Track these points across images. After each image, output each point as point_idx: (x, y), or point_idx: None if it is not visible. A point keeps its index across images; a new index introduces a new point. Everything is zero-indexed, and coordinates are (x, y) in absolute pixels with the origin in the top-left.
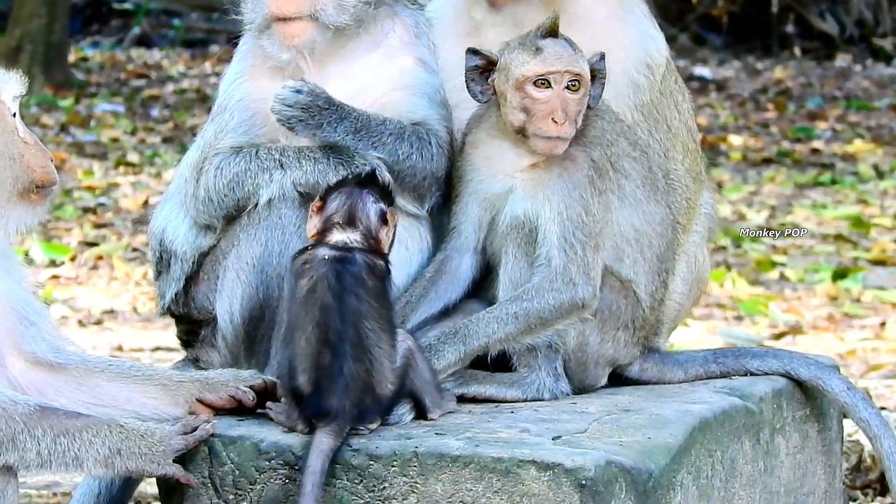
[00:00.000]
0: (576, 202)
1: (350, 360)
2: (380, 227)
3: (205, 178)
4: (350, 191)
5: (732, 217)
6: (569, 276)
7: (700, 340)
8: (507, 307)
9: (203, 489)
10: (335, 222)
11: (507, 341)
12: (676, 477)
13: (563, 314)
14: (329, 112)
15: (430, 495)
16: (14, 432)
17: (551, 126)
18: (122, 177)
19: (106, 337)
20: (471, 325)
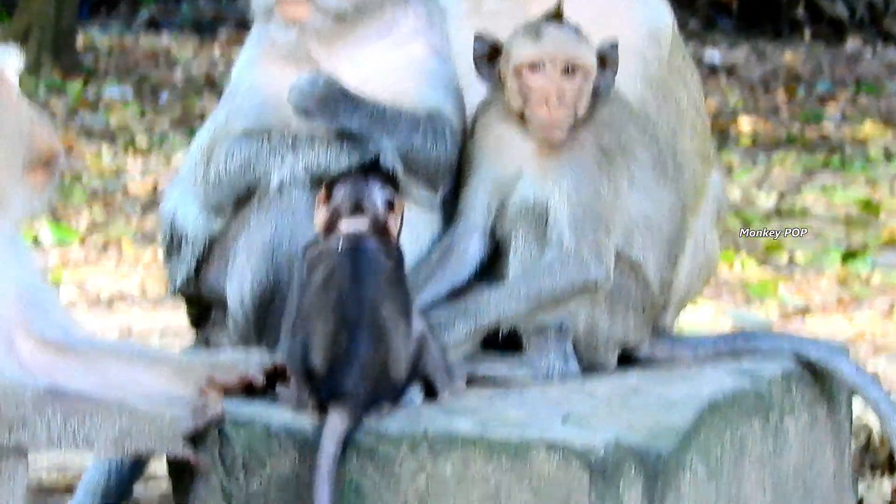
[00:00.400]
0: (585, 186)
1: (367, 345)
2: (387, 214)
3: (215, 162)
4: (355, 179)
5: (742, 200)
6: (580, 257)
7: (709, 322)
8: (518, 285)
9: (213, 470)
10: (343, 212)
11: (518, 319)
12: (686, 458)
13: (574, 294)
14: (345, 103)
15: (439, 476)
16: (24, 415)
17: (544, 112)
18: (131, 161)
19: (115, 319)
20: (481, 302)
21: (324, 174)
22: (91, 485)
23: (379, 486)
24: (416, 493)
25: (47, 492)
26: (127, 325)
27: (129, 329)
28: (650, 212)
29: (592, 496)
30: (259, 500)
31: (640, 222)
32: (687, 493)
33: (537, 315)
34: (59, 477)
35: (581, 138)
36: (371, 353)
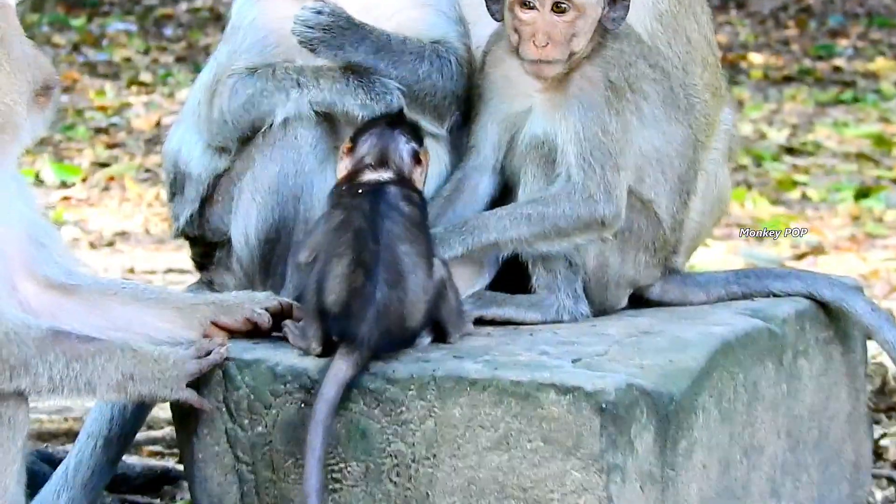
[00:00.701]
0: (593, 122)
1: (384, 286)
2: (413, 167)
3: (219, 100)
4: (381, 132)
5: (754, 135)
6: (588, 192)
7: (721, 261)
8: (521, 207)
9: (217, 414)
10: (367, 164)
11: (519, 243)
12: (698, 400)
13: (580, 228)
14: (350, 33)
15: (447, 419)
16: (26, 357)
17: (532, 49)
18: (135, 97)
19: (118, 259)
20: (481, 218)
21: (329, 109)
22: (93, 430)
23: (385, 430)
24: (424, 438)
25: (48, 437)
26: (130, 266)
27: (131, 269)
28: (661, 147)
29: (603, 440)
30: (264, 443)
31: (651, 158)
32: (700, 436)
33: (540, 244)
34: (60, 421)
35: (589, 74)
36: (387, 298)
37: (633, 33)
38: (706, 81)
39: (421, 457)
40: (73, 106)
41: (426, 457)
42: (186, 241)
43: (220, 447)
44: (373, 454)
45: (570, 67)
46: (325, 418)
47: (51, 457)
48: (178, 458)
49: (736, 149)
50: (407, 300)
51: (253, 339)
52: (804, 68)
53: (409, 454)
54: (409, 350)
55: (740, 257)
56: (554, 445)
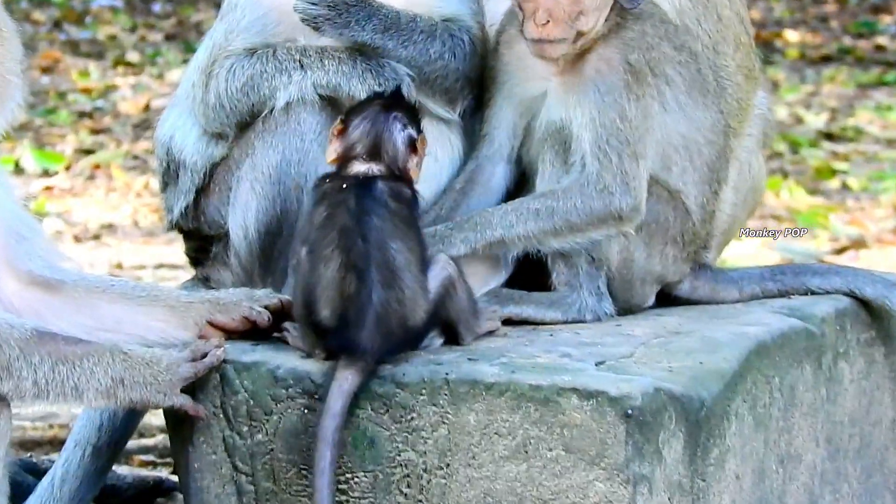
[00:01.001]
0: (610, 107)
1: (379, 287)
2: (408, 156)
3: (215, 83)
4: (375, 116)
5: (790, 120)
6: (603, 184)
7: (755, 256)
8: (529, 202)
9: (214, 420)
10: (357, 153)
11: (528, 240)
12: (731, 405)
13: (594, 222)
14: (357, 9)
15: (461, 426)
16: (9, 359)
17: (532, 28)
18: (121, 78)
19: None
20: (485, 214)
21: (334, 93)
22: (81, 438)
23: (395, 438)
24: (436, 446)
25: (32, 445)
26: (117, 261)
27: (119, 265)
28: (688, 133)
29: (629, 448)
30: (264, 452)
31: (677, 145)
32: (732, 444)
33: (551, 240)
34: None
35: (607, 56)
36: (385, 297)
37: (657, 13)
38: (739, 62)
39: (433, 466)
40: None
41: (439, 466)
42: (180, 234)
43: (218, 456)
44: (381, 464)
45: (585, 48)
46: (333, 435)
47: (35, 466)
48: (171, 468)
49: (771, 135)
50: (405, 299)
51: (252, 339)
52: (844, 47)
53: (421, 464)
54: (419, 352)
55: (776, 252)
56: (576, 454)
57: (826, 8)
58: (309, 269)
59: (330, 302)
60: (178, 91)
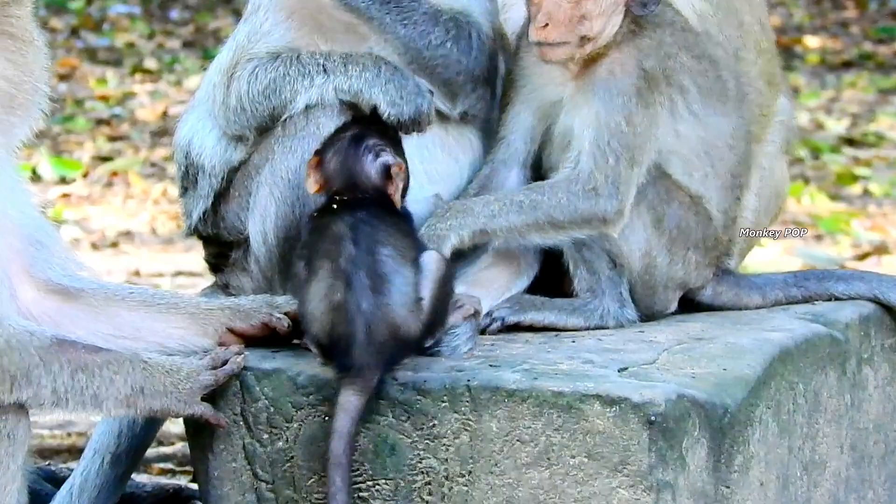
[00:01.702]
0: (617, 109)
1: (367, 294)
2: (385, 184)
3: (237, 85)
4: (346, 149)
5: (811, 126)
6: (592, 184)
7: (778, 262)
8: (514, 194)
9: (234, 428)
10: (336, 187)
11: (510, 232)
12: (755, 412)
13: (578, 221)
14: None
15: (483, 433)
16: (28, 367)
17: (533, 30)
18: (139, 85)
19: (122, 261)
20: (466, 203)
21: (356, 98)
22: (100, 446)
23: (416, 445)
24: (458, 453)
25: (50, 454)
26: (135, 268)
27: (137, 272)
28: (708, 139)
29: (652, 455)
30: (285, 460)
31: (699, 150)
32: (757, 451)
33: (535, 234)
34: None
35: (621, 60)
36: (374, 305)
37: (678, 21)
38: (760, 69)
39: (455, 474)
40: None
41: (460, 474)
42: (199, 240)
43: (238, 464)
44: (403, 471)
45: (598, 54)
46: (342, 458)
47: (53, 475)
48: (191, 476)
49: (793, 141)
50: (394, 305)
51: (272, 346)
52: (864, 52)
53: (442, 471)
54: (440, 358)
55: (798, 258)
56: (599, 461)
57: (846, 13)
58: (303, 281)
59: (320, 316)
60: (198, 93)
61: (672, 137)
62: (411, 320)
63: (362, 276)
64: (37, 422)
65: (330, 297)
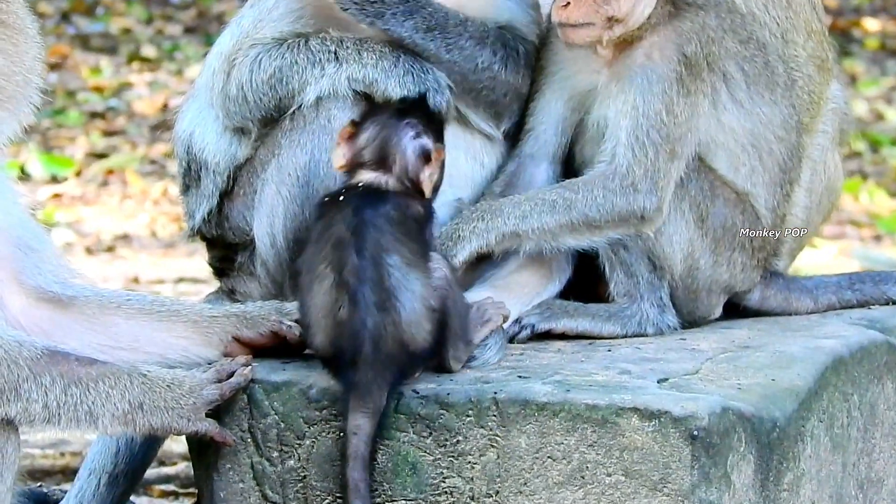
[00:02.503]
0: (657, 98)
1: (373, 310)
2: (420, 168)
3: (238, 73)
4: (386, 121)
5: (869, 117)
6: (630, 179)
7: (831, 264)
8: (546, 192)
9: (242, 446)
10: (365, 160)
11: (542, 234)
12: (806, 426)
13: (614, 220)
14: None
15: (512, 450)
16: (18, 380)
17: (554, 10)
18: (136, 75)
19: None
20: (495, 204)
21: (370, 89)
22: (96, 466)
23: (440, 463)
24: (485, 472)
25: (41, 475)
26: (134, 274)
27: (136, 278)
28: (756, 131)
29: (695, 473)
30: (297, 479)
31: (745, 143)
32: (808, 468)
33: (569, 236)
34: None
35: (660, 44)
36: (380, 322)
37: (724, 2)
38: (810, 52)
39: (481, 494)
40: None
41: (487, 494)
42: (203, 242)
43: (245, 484)
44: (425, 491)
45: (634, 38)
46: (362, 481)
47: (45, 497)
48: (194, 498)
49: (848, 131)
50: (402, 321)
51: (282, 357)
52: None
53: (468, 491)
54: (465, 370)
55: (854, 260)
56: (637, 480)
57: None
58: (305, 288)
59: (323, 329)
60: (198, 81)
61: (715, 129)
62: (420, 333)
63: (367, 291)
64: (27, 440)
65: (334, 313)
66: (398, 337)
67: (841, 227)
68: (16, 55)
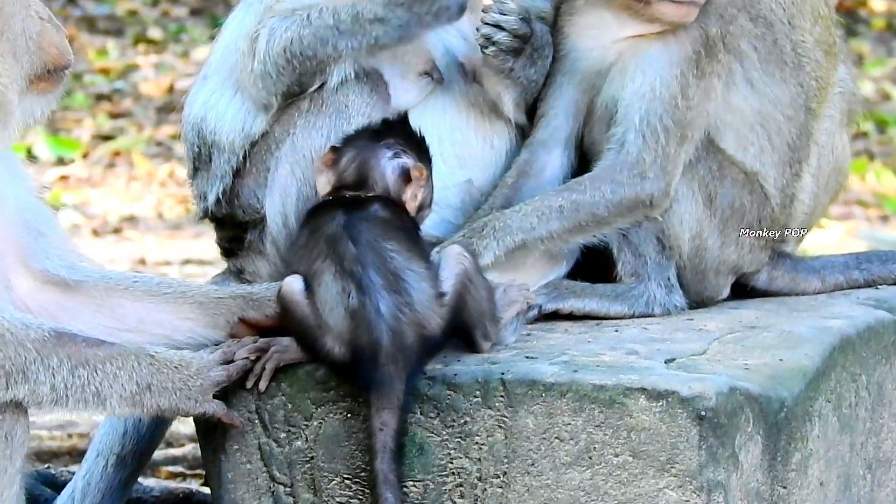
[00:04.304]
0: (674, 80)
1: (384, 293)
2: (401, 187)
3: (258, 48)
4: (364, 144)
5: (876, 97)
6: (640, 168)
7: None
8: (552, 199)
9: (249, 428)
10: (347, 183)
11: (551, 240)
12: (813, 406)
13: (623, 212)
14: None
15: (519, 430)
16: (25, 362)
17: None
18: (143, 57)
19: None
20: (503, 218)
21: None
22: (103, 448)
23: (447, 444)
24: (492, 452)
25: (49, 456)
26: (140, 256)
27: (142, 260)
28: (765, 111)
29: (702, 453)
30: (304, 461)
31: (753, 123)
32: (816, 448)
33: (577, 236)
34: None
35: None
36: (394, 304)
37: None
38: (817, 37)
39: (488, 475)
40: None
41: (495, 475)
42: (212, 222)
43: (253, 466)
44: (432, 472)
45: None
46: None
47: (53, 479)
48: (202, 479)
49: (856, 112)
50: (415, 302)
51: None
52: None
53: (475, 472)
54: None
55: (862, 240)
56: (644, 460)
57: None
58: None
59: (336, 325)
60: (211, 62)
61: (724, 109)
62: (433, 318)
63: (373, 275)
64: (35, 422)
65: (344, 303)
66: (415, 320)
67: (848, 207)
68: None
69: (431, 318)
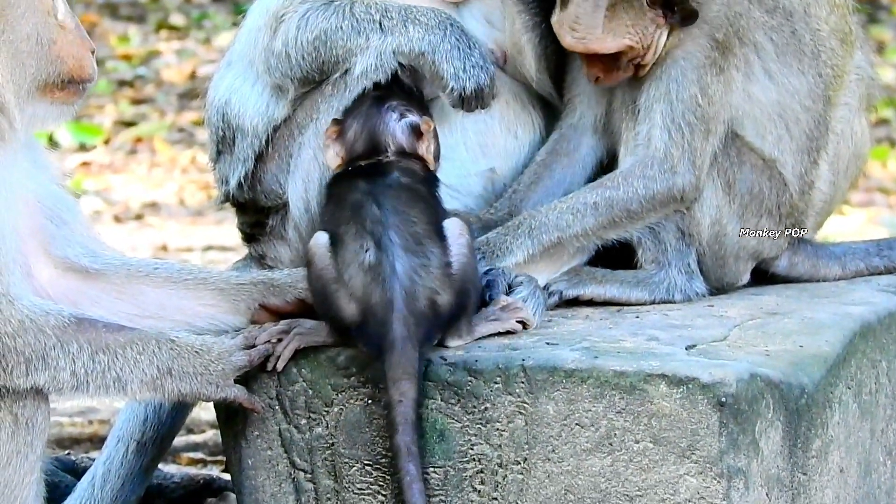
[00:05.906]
0: (692, 83)
1: (402, 253)
2: (415, 143)
3: (284, 28)
4: (367, 111)
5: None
6: (670, 163)
7: (860, 231)
8: (586, 195)
9: (270, 413)
10: (359, 152)
11: (585, 237)
12: (834, 392)
13: (655, 206)
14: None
15: (540, 417)
16: (45, 348)
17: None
18: (165, 43)
19: (147, 235)
20: (539, 216)
21: (416, 61)
22: (124, 434)
23: (467, 430)
24: (513, 438)
25: (70, 443)
26: (162, 242)
27: (164, 246)
28: (783, 100)
29: (723, 440)
30: (325, 447)
31: (772, 112)
32: (836, 435)
33: (611, 231)
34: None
35: (693, 33)
36: (409, 265)
37: None
38: (832, 26)
39: (509, 461)
40: None
41: (515, 461)
42: (234, 207)
43: (273, 452)
44: (453, 458)
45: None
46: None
47: (74, 465)
48: (223, 465)
49: (876, 98)
50: (432, 266)
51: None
52: None
53: (496, 458)
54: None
55: (883, 227)
56: (665, 447)
57: None
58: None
59: (350, 285)
60: (235, 48)
61: (744, 99)
62: (446, 288)
63: (392, 235)
64: (56, 409)
65: (360, 260)
66: (429, 285)
67: (869, 194)
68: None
69: (444, 288)
